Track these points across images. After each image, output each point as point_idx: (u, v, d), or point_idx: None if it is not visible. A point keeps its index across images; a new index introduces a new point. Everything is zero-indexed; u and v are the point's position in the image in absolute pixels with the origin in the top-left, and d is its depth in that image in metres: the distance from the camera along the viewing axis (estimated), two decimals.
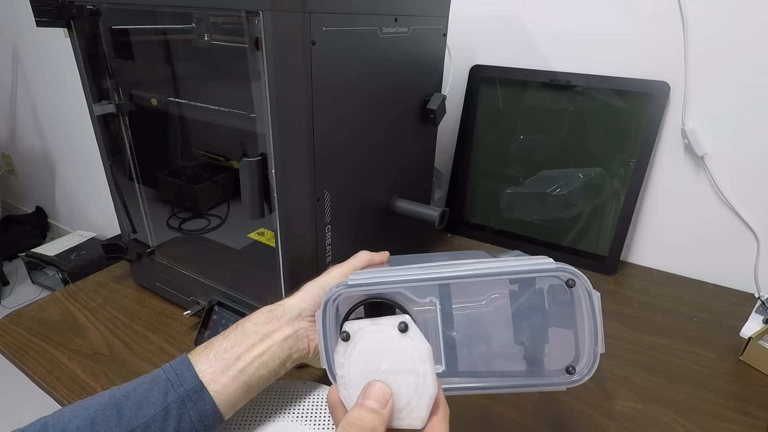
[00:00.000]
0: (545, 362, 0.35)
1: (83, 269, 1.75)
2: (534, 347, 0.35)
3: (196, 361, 0.39)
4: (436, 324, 0.35)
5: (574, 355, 0.35)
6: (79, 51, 0.61)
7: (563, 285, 0.34)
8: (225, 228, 0.74)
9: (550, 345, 0.35)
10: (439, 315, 0.35)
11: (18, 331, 0.66)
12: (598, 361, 0.34)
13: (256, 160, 0.50)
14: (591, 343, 0.34)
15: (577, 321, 0.34)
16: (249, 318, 0.42)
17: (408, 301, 0.35)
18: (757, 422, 0.53)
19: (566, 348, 0.35)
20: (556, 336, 0.35)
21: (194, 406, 0.37)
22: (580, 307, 0.34)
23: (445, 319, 0.35)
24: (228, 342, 0.40)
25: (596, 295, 0.33)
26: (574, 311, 0.34)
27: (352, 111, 0.56)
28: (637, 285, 0.80)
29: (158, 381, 0.38)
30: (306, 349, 0.43)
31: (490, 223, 0.95)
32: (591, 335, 0.34)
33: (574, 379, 0.35)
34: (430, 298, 0.35)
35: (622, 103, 0.80)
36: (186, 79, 0.67)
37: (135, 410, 0.36)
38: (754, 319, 0.69)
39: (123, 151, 0.69)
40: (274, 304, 0.43)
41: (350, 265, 0.45)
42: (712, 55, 0.73)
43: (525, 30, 0.87)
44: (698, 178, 0.79)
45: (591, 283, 0.33)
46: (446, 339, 0.36)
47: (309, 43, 0.46)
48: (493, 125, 0.92)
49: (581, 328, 0.34)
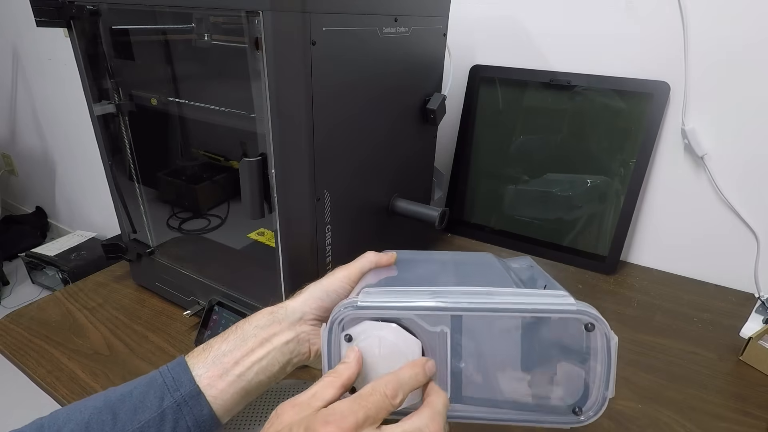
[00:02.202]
0: (551, 399, 0.35)
1: (83, 269, 1.75)
2: (541, 381, 0.35)
3: (193, 365, 0.38)
4: (445, 353, 0.35)
5: (581, 395, 0.34)
6: (79, 51, 0.61)
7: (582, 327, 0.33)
8: (225, 228, 0.74)
9: (558, 379, 0.34)
10: (449, 346, 0.35)
11: (18, 331, 0.66)
12: (606, 405, 0.33)
13: (256, 160, 0.50)
14: (602, 387, 0.33)
15: (590, 362, 0.33)
16: (249, 320, 0.41)
17: (420, 330, 0.35)
18: (757, 422, 0.53)
19: (574, 385, 0.34)
20: (566, 371, 0.34)
21: (191, 411, 0.36)
22: (595, 351, 0.33)
23: (455, 350, 0.35)
24: (227, 345, 0.39)
25: (614, 341, 0.33)
26: (588, 352, 0.33)
27: (352, 111, 0.56)
28: (637, 285, 0.80)
29: (154, 384, 0.37)
30: (307, 353, 0.41)
31: (490, 223, 0.95)
32: (603, 379, 0.33)
33: (580, 420, 0.34)
34: (442, 327, 0.35)
35: (622, 103, 0.80)
36: (186, 79, 0.67)
37: (130, 415, 0.35)
38: (754, 319, 0.69)
39: (123, 151, 0.69)
40: (275, 306, 0.42)
41: (356, 267, 0.43)
42: (712, 55, 0.73)
43: (525, 30, 0.87)
44: (698, 178, 0.79)
45: (591, 283, 0.33)
46: (454, 368, 0.35)
47: (309, 43, 0.46)
48: (493, 125, 0.92)
49: (593, 369, 0.33)
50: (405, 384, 0.32)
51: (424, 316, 0.34)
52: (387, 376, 0.32)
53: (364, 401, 0.30)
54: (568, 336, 0.34)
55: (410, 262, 0.47)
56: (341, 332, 0.35)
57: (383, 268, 0.45)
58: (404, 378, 0.32)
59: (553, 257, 0.86)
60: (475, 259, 0.50)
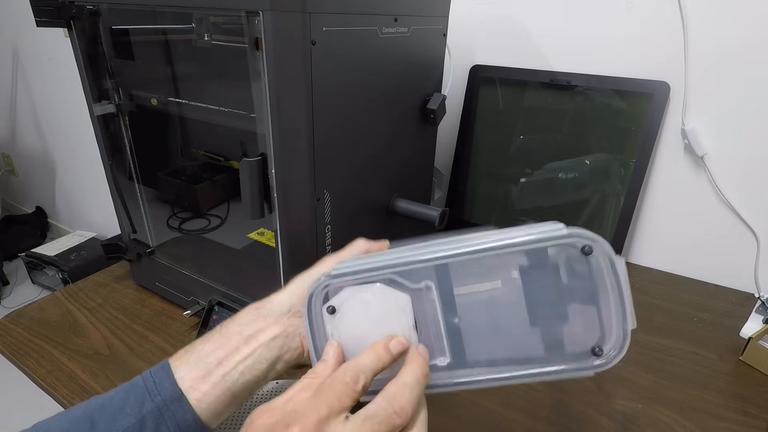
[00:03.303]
0: (566, 345, 0.31)
1: (83, 269, 1.75)
2: (552, 330, 0.31)
3: (176, 367, 0.36)
4: (435, 311, 0.32)
5: (599, 335, 0.30)
6: (79, 51, 0.61)
7: (580, 253, 0.29)
8: (225, 228, 0.74)
9: (571, 325, 0.30)
10: (437, 300, 0.32)
11: (18, 331, 0.66)
12: (629, 340, 0.29)
13: (256, 160, 0.50)
14: (618, 318, 0.29)
15: (600, 294, 0.29)
16: (234, 318, 0.39)
17: (402, 288, 0.32)
18: (757, 422, 0.53)
19: (590, 328, 0.30)
20: (578, 314, 0.30)
21: (172, 416, 0.34)
22: (601, 278, 0.29)
23: (446, 306, 0.32)
24: (210, 345, 0.37)
25: (620, 262, 0.28)
26: (595, 283, 0.29)
27: (352, 111, 0.56)
28: (637, 285, 0.80)
29: (135, 389, 0.35)
30: (299, 348, 0.38)
31: (490, 222, 0.95)
32: (618, 309, 0.29)
33: (601, 362, 0.30)
34: (425, 282, 0.32)
35: (622, 103, 0.80)
36: (186, 79, 0.67)
37: (109, 422, 0.34)
38: (754, 319, 0.69)
39: (123, 151, 0.69)
40: (261, 301, 0.40)
41: (346, 254, 0.41)
42: (712, 55, 0.73)
43: (525, 30, 0.87)
44: (698, 178, 0.79)
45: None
46: (450, 327, 0.32)
47: (309, 43, 0.46)
48: (493, 125, 0.92)
49: (605, 302, 0.29)
50: (366, 367, 0.31)
51: (404, 272, 0.31)
52: (346, 364, 0.31)
53: (325, 395, 0.29)
54: (570, 271, 0.30)
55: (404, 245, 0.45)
56: (322, 306, 0.33)
57: None
58: (364, 362, 0.31)
59: None
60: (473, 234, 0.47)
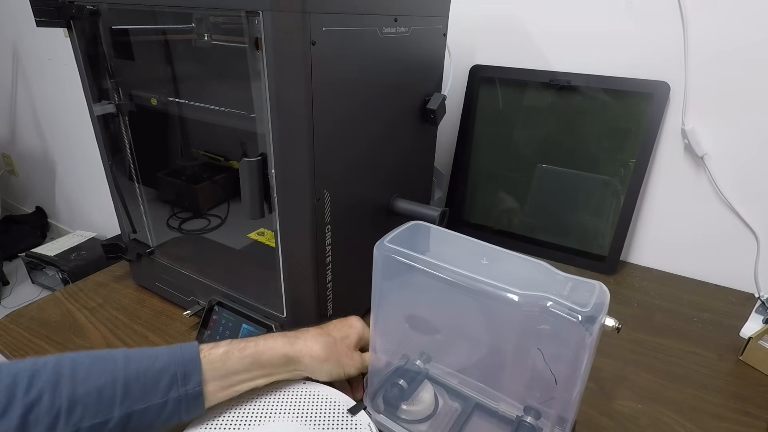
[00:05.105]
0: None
1: (83, 269, 1.74)
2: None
3: (206, 368, 0.43)
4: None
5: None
6: (79, 51, 0.61)
7: None
8: (225, 228, 0.74)
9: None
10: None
11: (18, 331, 0.66)
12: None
13: (256, 160, 0.50)
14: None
15: None
16: (269, 347, 0.46)
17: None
18: (757, 422, 0.53)
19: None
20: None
21: (187, 408, 0.42)
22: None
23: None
24: (241, 365, 0.44)
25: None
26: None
27: (353, 111, 0.56)
28: (637, 285, 0.80)
29: (167, 373, 0.41)
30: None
31: (489, 223, 0.95)
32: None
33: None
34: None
35: (622, 103, 0.80)
36: (186, 79, 0.67)
37: (140, 394, 0.40)
38: (754, 319, 0.69)
39: (123, 151, 0.69)
40: (293, 347, 0.47)
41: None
42: (712, 55, 0.73)
43: (525, 30, 0.87)
44: (698, 178, 0.79)
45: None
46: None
47: (309, 43, 0.46)
48: (493, 125, 0.92)
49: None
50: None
51: None
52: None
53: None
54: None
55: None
56: None
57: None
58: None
59: (554, 257, 0.86)
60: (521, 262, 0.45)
